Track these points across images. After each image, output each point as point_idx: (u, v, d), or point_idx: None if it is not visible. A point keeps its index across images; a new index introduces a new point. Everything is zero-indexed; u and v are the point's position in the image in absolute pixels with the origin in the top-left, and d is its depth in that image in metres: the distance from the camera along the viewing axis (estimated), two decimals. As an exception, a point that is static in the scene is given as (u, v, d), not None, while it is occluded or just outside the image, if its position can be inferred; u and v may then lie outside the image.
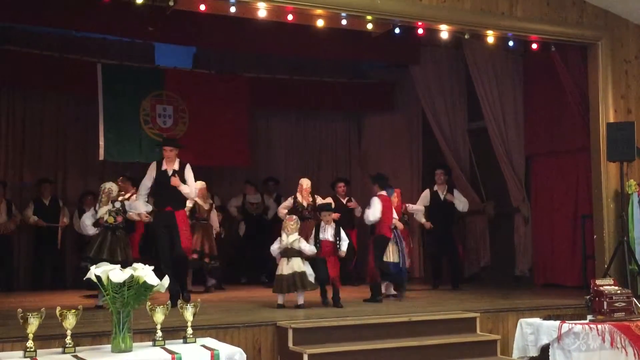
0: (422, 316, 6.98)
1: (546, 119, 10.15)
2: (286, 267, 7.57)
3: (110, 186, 8.10)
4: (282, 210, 9.45)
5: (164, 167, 7.92)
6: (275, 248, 7.73)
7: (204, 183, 9.65)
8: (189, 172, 7.93)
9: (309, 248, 7.65)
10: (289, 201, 9.61)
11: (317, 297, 7.79)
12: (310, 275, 7.58)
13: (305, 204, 9.50)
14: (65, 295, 9.03)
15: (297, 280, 7.51)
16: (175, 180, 7.73)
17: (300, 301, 7.58)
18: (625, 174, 8.53)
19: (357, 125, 13.15)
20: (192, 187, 7.96)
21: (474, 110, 11.20)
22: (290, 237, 7.64)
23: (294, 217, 7.96)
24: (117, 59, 11.03)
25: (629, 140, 8.28)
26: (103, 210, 7.88)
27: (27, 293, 9.58)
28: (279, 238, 7.75)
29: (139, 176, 8.29)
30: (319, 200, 9.56)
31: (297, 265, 7.55)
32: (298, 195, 9.54)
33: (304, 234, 8.04)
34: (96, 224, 7.90)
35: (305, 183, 9.57)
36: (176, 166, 7.95)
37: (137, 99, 10.80)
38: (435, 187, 10.20)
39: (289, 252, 7.60)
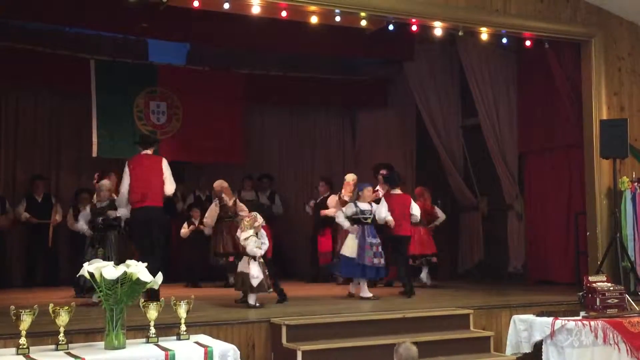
0: (416, 313, 6.99)
1: (540, 116, 10.16)
2: (246, 266, 7.29)
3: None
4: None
5: None
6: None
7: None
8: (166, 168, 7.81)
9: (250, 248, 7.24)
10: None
11: (308, 293, 7.79)
12: (253, 277, 7.16)
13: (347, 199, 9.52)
14: (58, 292, 8.99)
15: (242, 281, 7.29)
16: None
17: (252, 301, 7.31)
18: (618, 171, 8.56)
19: (351, 121, 13.15)
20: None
21: (467, 107, 11.21)
22: (243, 234, 7.33)
23: (253, 214, 7.54)
24: (110, 55, 10.97)
25: (621, 137, 8.31)
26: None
27: (20, 290, 9.54)
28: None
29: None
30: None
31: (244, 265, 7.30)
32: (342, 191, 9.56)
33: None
34: (92, 222, 7.77)
35: (351, 178, 9.49)
36: None
37: (131, 95, 10.78)
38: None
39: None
